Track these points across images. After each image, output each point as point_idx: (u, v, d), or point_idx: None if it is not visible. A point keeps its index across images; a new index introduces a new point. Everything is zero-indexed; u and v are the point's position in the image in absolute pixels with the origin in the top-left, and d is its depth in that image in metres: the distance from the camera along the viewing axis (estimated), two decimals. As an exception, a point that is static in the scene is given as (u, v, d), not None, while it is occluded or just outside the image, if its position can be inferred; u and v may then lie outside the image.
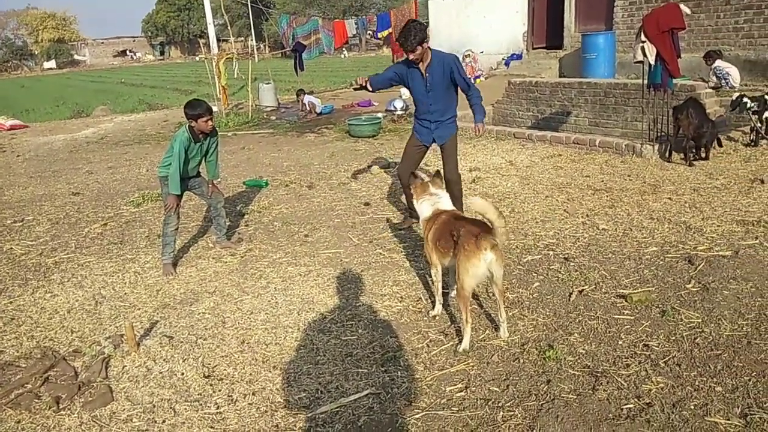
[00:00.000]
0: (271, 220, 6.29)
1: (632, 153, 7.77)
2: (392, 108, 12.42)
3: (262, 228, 6.06)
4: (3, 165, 10.19)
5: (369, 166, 8.24)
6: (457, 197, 5.41)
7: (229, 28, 21.41)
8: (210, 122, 5.03)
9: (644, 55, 7.31)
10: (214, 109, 14.53)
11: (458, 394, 3.17)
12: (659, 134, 7.83)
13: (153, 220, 6.59)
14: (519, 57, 16.73)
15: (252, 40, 35.25)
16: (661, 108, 7.83)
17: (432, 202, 4.04)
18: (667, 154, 7.55)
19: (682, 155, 7.43)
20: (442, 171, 5.09)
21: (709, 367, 3.23)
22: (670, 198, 6.05)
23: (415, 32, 4.84)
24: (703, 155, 7.42)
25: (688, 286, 4.17)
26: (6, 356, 3.84)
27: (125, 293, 4.71)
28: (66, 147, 11.69)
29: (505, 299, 3.66)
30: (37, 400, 3.32)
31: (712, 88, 10.06)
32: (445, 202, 4.05)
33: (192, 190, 5.36)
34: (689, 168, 7.11)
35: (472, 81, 6.86)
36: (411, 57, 4.96)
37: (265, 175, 8.11)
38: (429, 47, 5.06)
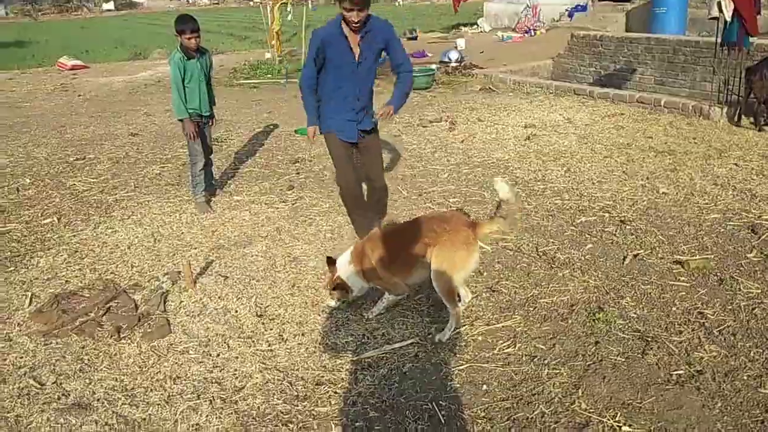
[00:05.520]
0: (322, 169, 6.33)
1: (699, 115, 7.41)
2: (447, 59, 12.13)
3: (312, 176, 6.11)
4: (65, 104, 10.53)
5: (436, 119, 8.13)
6: (381, 209, 4.56)
7: (284, -28, 21.10)
8: (193, 40, 4.88)
9: (720, 10, 6.87)
10: (267, 55, 14.59)
11: (504, 350, 3.19)
12: (729, 96, 7.41)
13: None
14: (584, 9, 15.98)
15: (307, -15, 34.75)
16: (734, 68, 7.39)
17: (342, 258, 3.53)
18: (736, 117, 7.17)
19: (752, 119, 7.05)
20: (367, 179, 4.33)
21: (766, 338, 3.14)
22: (736, 164, 5.78)
23: None
24: (776, 120, 7.02)
25: (749, 255, 4.02)
26: (70, 286, 4.05)
27: (182, 233, 4.87)
28: (125, 88, 11.97)
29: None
30: (99, 329, 3.51)
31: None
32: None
33: (202, 127, 5.25)
34: (759, 133, 6.76)
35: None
36: (356, 19, 3.69)
37: (317, 124, 8.11)
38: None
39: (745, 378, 2.85)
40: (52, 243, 4.76)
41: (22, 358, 3.28)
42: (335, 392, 2.93)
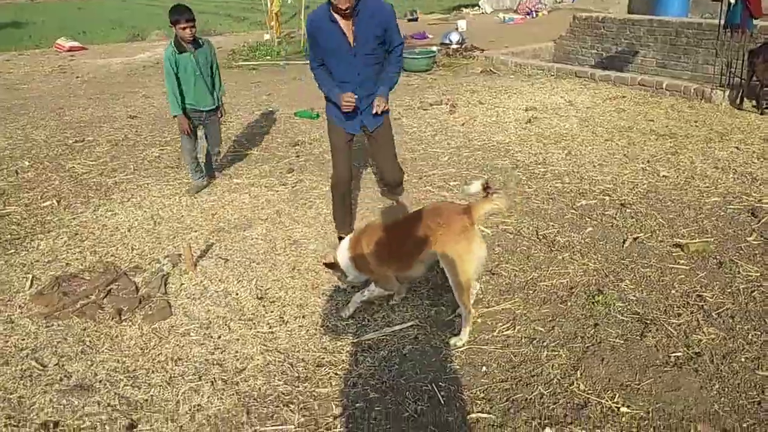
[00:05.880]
0: (322, 152, 6.30)
1: (701, 98, 7.37)
2: (448, 41, 12.03)
3: (312, 159, 6.10)
4: (63, 86, 10.46)
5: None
6: (402, 204, 4.34)
7: (283, -48, 20.83)
8: (188, 30, 4.68)
9: (724, -9, 6.81)
10: (266, 37, 14.45)
11: (503, 332, 3.21)
12: (732, 79, 7.37)
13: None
14: (585, -9, 15.81)
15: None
16: (737, 51, 7.33)
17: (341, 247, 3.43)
18: (738, 100, 7.13)
19: (754, 102, 7.01)
20: (379, 172, 4.01)
21: (765, 321, 3.16)
22: (737, 147, 5.76)
23: None
24: (778, 103, 6.98)
25: (749, 238, 4.03)
26: (71, 268, 4.06)
27: (182, 215, 4.87)
28: (123, 70, 11.89)
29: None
30: (100, 311, 3.53)
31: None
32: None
33: (204, 126, 5.19)
34: (761, 116, 6.73)
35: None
36: (344, 6, 3.46)
37: (316, 107, 8.07)
38: None
39: (743, 360, 2.87)
40: (52, 225, 4.76)
41: (23, 340, 3.30)
42: (336, 374, 2.95)
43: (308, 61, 3.95)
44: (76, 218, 4.89)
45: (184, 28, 4.72)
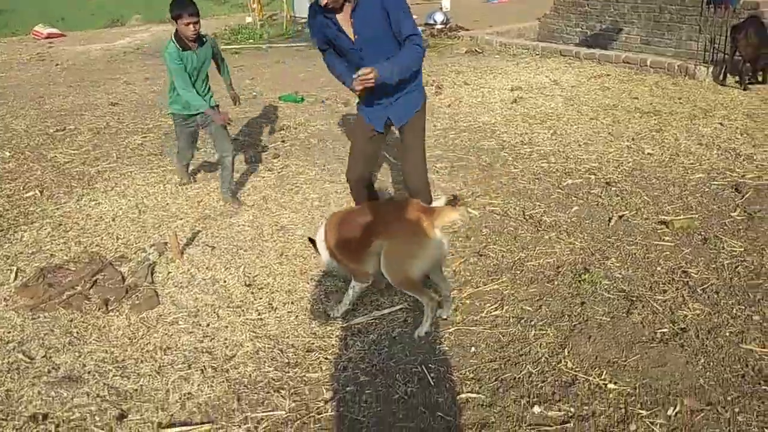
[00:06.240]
0: (308, 136, 6.26)
1: (684, 74, 7.40)
2: (432, 21, 11.95)
3: (298, 144, 6.06)
4: (43, 74, 10.28)
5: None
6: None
7: (263, -67, 20.48)
8: (192, 26, 4.15)
9: (707, -33, 6.80)
10: (248, 19, 14.25)
11: (491, 312, 3.23)
12: (715, 55, 7.39)
13: (191, 133, 6.63)
14: (568, -32, 15.71)
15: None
16: (720, 27, 7.35)
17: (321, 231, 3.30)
18: (721, 76, 7.17)
19: (737, 78, 7.05)
20: (402, 174, 3.70)
21: (749, 295, 3.20)
22: (721, 123, 5.80)
23: None
24: (760, 79, 7.03)
25: (733, 214, 4.07)
26: (56, 259, 4.01)
27: (167, 203, 4.82)
28: (103, 57, 11.70)
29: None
30: (87, 302, 3.49)
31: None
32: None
33: (207, 128, 4.67)
34: (744, 92, 6.78)
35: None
36: (323, 2, 3.09)
37: (300, 91, 8.01)
38: None
39: (728, 334, 2.91)
40: (36, 216, 4.70)
41: (9, 332, 3.26)
42: (326, 358, 2.96)
43: (291, 44, 3.90)
44: (59, 208, 4.83)
45: (187, 24, 4.13)
